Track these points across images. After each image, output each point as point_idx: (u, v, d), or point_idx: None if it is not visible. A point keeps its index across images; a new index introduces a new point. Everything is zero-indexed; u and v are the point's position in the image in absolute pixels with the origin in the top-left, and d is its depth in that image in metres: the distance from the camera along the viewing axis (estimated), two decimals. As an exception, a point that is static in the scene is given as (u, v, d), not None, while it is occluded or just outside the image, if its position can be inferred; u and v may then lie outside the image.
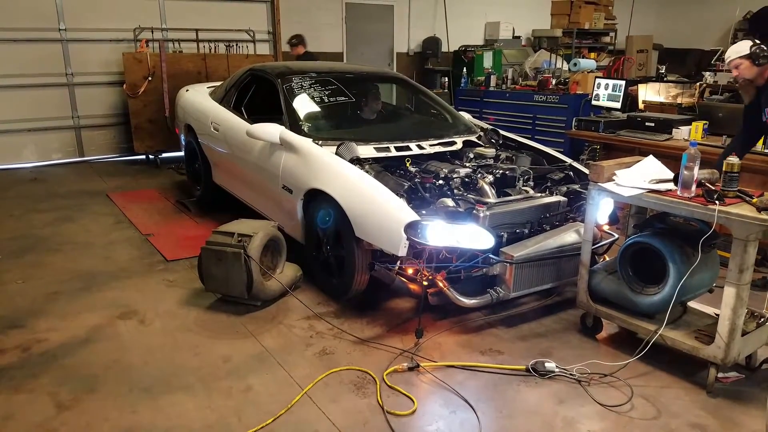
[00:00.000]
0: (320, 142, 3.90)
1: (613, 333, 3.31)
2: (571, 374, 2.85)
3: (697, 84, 7.24)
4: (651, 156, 3.11)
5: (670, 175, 2.92)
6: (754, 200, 2.60)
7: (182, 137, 5.93)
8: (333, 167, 3.58)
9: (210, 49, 8.01)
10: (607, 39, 12.00)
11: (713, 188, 2.71)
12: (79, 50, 7.55)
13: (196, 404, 2.64)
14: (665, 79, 8.20)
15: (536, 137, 6.13)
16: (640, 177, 2.93)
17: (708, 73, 7.67)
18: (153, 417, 2.55)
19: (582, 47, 11.51)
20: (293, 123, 4.15)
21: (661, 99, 6.79)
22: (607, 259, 3.71)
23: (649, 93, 6.81)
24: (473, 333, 3.30)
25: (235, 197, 4.96)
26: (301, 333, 3.27)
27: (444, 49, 10.33)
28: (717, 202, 2.61)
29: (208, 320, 3.42)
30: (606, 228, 3.83)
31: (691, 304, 3.16)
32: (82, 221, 5.19)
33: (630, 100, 6.69)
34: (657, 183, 2.88)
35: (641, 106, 6.61)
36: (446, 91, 9.36)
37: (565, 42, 11.24)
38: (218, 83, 6.03)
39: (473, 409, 2.60)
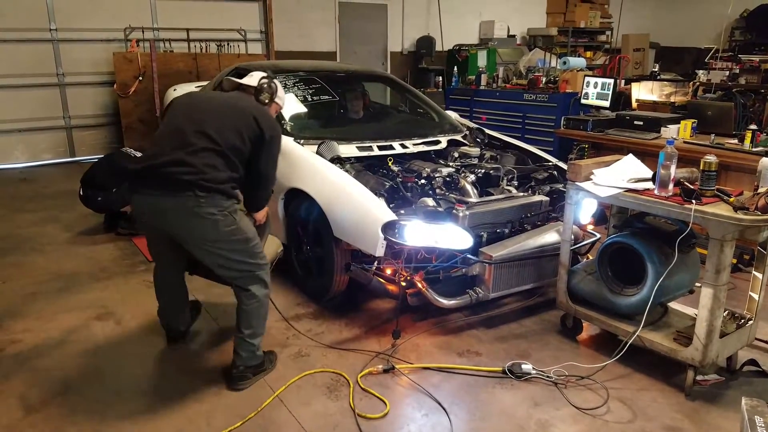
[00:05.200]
0: (302, 141, 3.86)
1: (593, 334, 3.27)
2: (547, 376, 2.81)
3: (691, 82, 7.21)
4: (630, 155, 3.07)
5: (649, 173, 2.88)
6: (731, 199, 2.55)
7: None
8: (312, 166, 3.54)
9: (201, 49, 7.99)
10: (603, 38, 11.95)
11: (691, 187, 2.67)
12: (69, 50, 7.54)
13: (166, 407, 2.61)
14: (659, 77, 8.17)
15: (526, 136, 6.09)
16: (618, 176, 2.89)
17: (701, 71, 7.64)
18: (121, 421, 2.52)
19: (578, 46, 11.46)
20: (275, 122, 4.11)
21: (654, 98, 6.74)
22: (590, 258, 3.67)
23: (642, 92, 6.76)
24: (452, 334, 3.26)
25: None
26: (278, 334, 3.23)
27: (438, 48, 10.29)
28: (693, 201, 2.57)
29: (185, 321, 3.38)
30: (590, 228, 3.79)
31: (673, 305, 3.12)
32: (68, 222, 5.16)
33: (624, 99, 6.65)
34: (635, 182, 2.84)
35: (634, 104, 6.56)
36: (440, 90, 9.31)
37: (560, 41, 11.19)
38: (206, 83, 6.00)
39: (446, 412, 2.56)
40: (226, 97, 2.75)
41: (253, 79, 2.89)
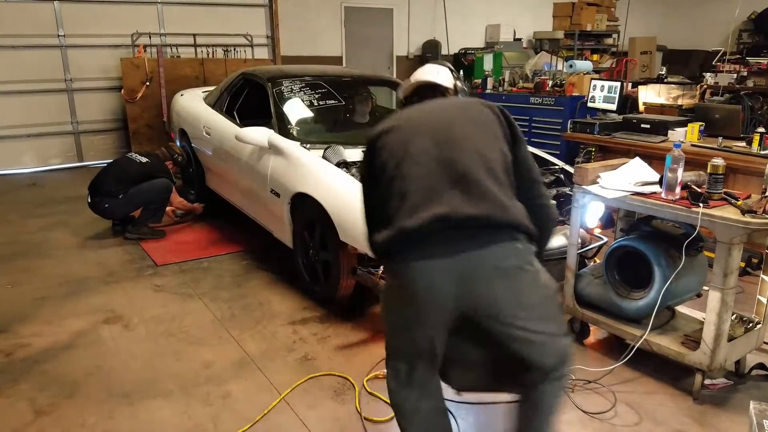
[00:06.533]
0: (308, 145, 3.88)
1: (601, 338, 3.26)
2: (554, 380, 2.79)
3: (698, 85, 7.19)
4: (637, 158, 3.06)
5: (656, 177, 2.86)
6: (739, 203, 2.54)
7: (177, 142, 5.94)
8: (318, 171, 3.56)
9: (208, 54, 8.03)
10: (610, 41, 11.93)
11: (698, 190, 2.66)
12: (77, 56, 7.59)
13: (173, 410, 2.62)
14: (666, 80, 8.15)
15: (532, 140, 6.10)
16: (625, 179, 2.88)
17: (709, 74, 7.61)
18: (129, 423, 2.54)
19: (584, 49, 11.44)
20: (282, 127, 4.13)
21: (662, 100, 6.72)
22: (597, 262, 3.66)
23: (649, 94, 6.74)
24: (459, 338, 3.25)
25: (228, 202, 4.95)
26: (285, 338, 3.24)
27: (444, 51, 10.30)
28: (701, 204, 2.56)
29: (192, 325, 3.40)
30: (598, 231, 3.77)
31: (680, 308, 3.10)
32: (76, 226, 5.19)
33: (631, 102, 6.63)
34: (642, 185, 2.83)
35: (641, 108, 6.55)
36: (446, 94, 9.31)
37: (567, 44, 11.18)
38: (213, 87, 6.03)
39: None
40: (457, 109, 1.99)
41: (441, 77, 2.15)
